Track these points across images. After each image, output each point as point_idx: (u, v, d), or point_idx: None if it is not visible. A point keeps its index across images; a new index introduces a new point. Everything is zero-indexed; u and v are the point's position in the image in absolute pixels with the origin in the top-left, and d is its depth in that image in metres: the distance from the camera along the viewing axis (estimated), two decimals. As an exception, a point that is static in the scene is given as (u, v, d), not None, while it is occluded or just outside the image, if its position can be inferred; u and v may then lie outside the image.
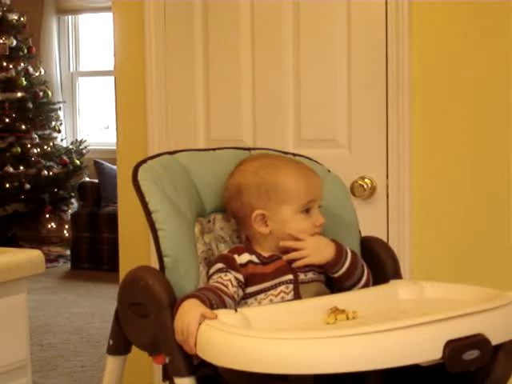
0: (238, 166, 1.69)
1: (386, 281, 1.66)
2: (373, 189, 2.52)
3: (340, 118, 2.56)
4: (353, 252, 1.65)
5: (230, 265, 1.57)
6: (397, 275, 1.71)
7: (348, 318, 1.43)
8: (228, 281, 1.54)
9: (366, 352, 1.27)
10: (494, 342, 1.34)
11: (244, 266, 1.58)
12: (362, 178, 2.52)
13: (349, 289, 1.64)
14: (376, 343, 1.27)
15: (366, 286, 1.66)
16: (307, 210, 1.63)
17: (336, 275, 1.62)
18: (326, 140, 2.58)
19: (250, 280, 1.57)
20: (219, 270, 1.57)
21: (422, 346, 1.30)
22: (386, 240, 2.29)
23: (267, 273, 1.59)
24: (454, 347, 1.29)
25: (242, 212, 1.64)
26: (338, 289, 1.66)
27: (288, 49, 2.62)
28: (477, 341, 1.32)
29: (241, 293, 1.56)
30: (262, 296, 1.57)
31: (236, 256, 1.59)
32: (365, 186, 2.51)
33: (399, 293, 1.60)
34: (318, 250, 1.61)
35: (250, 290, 1.57)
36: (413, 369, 1.30)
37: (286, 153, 1.84)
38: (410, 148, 2.47)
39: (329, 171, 1.84)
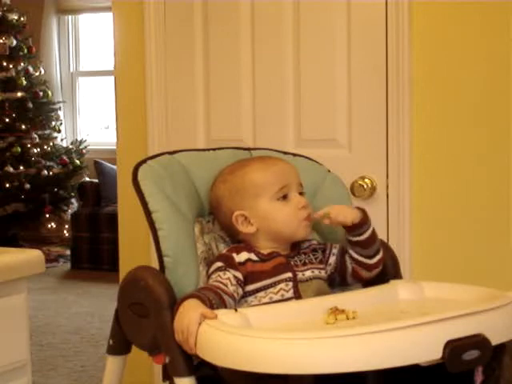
0: (214, 180, 1.70)
1: (386, 281, 1.66)
2: (373, 189, 2.52)
3: (340, 118, 2.56)
4: None
5: (229, 263, 1.57)
6: (397, 275, 1.72)
7: (348, 318, 1.43)
8: (227, 279, 1.54)
9: (366, 352, 1.27)
10: (494, 342, 1.34)
11: (243, 264, 1.58)
12: (362, 178, 2.52)
13: (366, 259, 1.64)
14: (376, 343, 1.27)
15: (378, 264, 1.66)
16: (284, 197, 1.63)
17: (363, 237, 1.63)
18: (326, 140, 2.58)
19: (249, 278, 1.57)
20: (218, 269, 1.57)
21: (422, 346, 1.30)
22: (386, 240, 2.29)
23: (266, 270, 1.59)
24: (454, 347, 1.29)
25: (226, 220, 1.66)
26: (355, 260, 1.65)
27: (288, 49, 2.62)
28: (477, 341, 1.32)
29: (240, 291, 1.56)
30: (261, 294, 1.57)
31: (235, 255, 1.59)
32: (365, 186, 2.51)
33: (399, 293, 1.60)
34: (346, 210, 1.62)
35: (250, 287, 1.57)
36: (413, 369, 1.30)
37: (285, 153, 1.84)
38: (410, 148, 2.47)
39: (329, 171, 1.84)
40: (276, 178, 1.63)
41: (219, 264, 1.57)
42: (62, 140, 7.99)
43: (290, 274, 1.59)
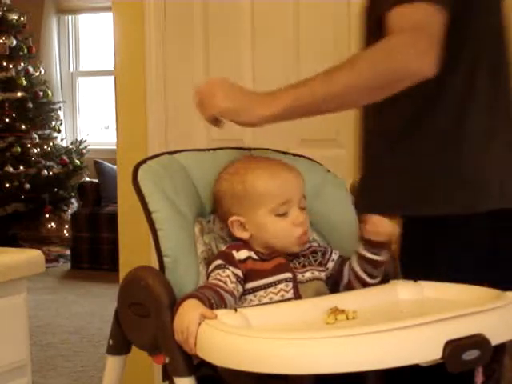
0: (220, 172, 1.68)
1: (386, 281, 1.66)
2: (373, 189, 2.51)
3: (340, 118, 2.56)
4: None
5: (229, 261, 1.57)
6: (397, 275, 1.71)
7: (348, 318, 1.43)
8: (226, 277, 1.54)
9: (366, 352, 1.27)
10: (494, 342, 1.34)
11: (243, 261, 1.58)
12: (362, 178, 2.51)
13: (369, 278, 1.63)
14: (376, 343, 1.27)
15: (376, 283, 1.65)
16: (283, 213, 1.60)
17: (379, 258, 1.60)
18: (326, 140, 2.58)
19: (249, 275, 1.57)
20: (218, 267, 1.57)
21: (422, 346, 1.30)
22: (385, 240, 2.29)
23: (266, 269, 1.59)
24: (454, 347, 1.29)
25: (224, 219, 1.65)
26: (356, 275, 1.63)
27: (288, 49, 2.62)
28: (477, 341, 1.32)
29: (240, 288, 1.55)
30: (261, 293, 1.57)
31: (234, 252, 1.59)
32: (365, 186, 2.50)
33: (399, 293, 1.60)
34: (383, 224, 1.60)
35: (250, 285, 1.57)
36: (413, 369, 1.30)
37: (285, 153, 1.84)
38: (410, 148, 2.47)
39: (328, 171, 1.84)
40: (277, 192, 1.60)
41: (219, 262, 1.57)
42: (62, 140, 8.00)
43: (289, 275, 1.59)
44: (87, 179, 7.67)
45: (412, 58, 1.60)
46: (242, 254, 1.59)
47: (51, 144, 7.68)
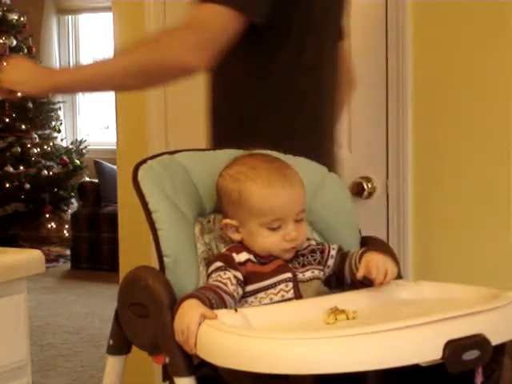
0: (224, 168, 1.67)
1: (386, 281, 1.66)
2: (373, 189, 2.52)
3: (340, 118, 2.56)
4: None
5: (229, 263, 1.57)
6: (397, 275, 1.71)
7: (348, 318, 1.43)
8: (227, 279, 1.54)
9: (366, 352, 1.27)
10: (494, 342, 1.34)
11: (243, 264, 1.58)
12: (362, 178, 2.52)
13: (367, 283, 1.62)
14: (376, 343, 1.27)
15: None
16: (276, 227, 1.58)
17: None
18: (325, 140, 2.58)
19: (249, 278, 1.57)
20: (218, 269, 1.56)
21: (422, 346, 1.30)
22: (385, 240, 2.29)
23: (266, 272, 1.58)
24: (454, 347, 1.29)
25: (223, 215, 1.65)
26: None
27: (288, 49, 2.62)
28: (477, 341, 1.32)
29: (240, 291, 1.56)
30: (262, 295, 1.57)
31: (235, 254, 1.59)
32: (365, 186, 2.51)
33: (399, 293, 1.60)
34: (385, 269, 1.58)
35: (250, 288, 1.57)
36: (413, 369, 1.30)
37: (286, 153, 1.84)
38: (410, 148, 2.47)
39: (329, 171, 1.84)
40: (272, 209, 1.57)
41: (219, 264, 1.57)
42: (62, 140, 8.00)
43: (289, 275, 1.59)
44: (87, 179, 7.67)
45: (181, 52, 1.73)
46: (241, 257, 1.58)
47: (51, 144, 7.69)
